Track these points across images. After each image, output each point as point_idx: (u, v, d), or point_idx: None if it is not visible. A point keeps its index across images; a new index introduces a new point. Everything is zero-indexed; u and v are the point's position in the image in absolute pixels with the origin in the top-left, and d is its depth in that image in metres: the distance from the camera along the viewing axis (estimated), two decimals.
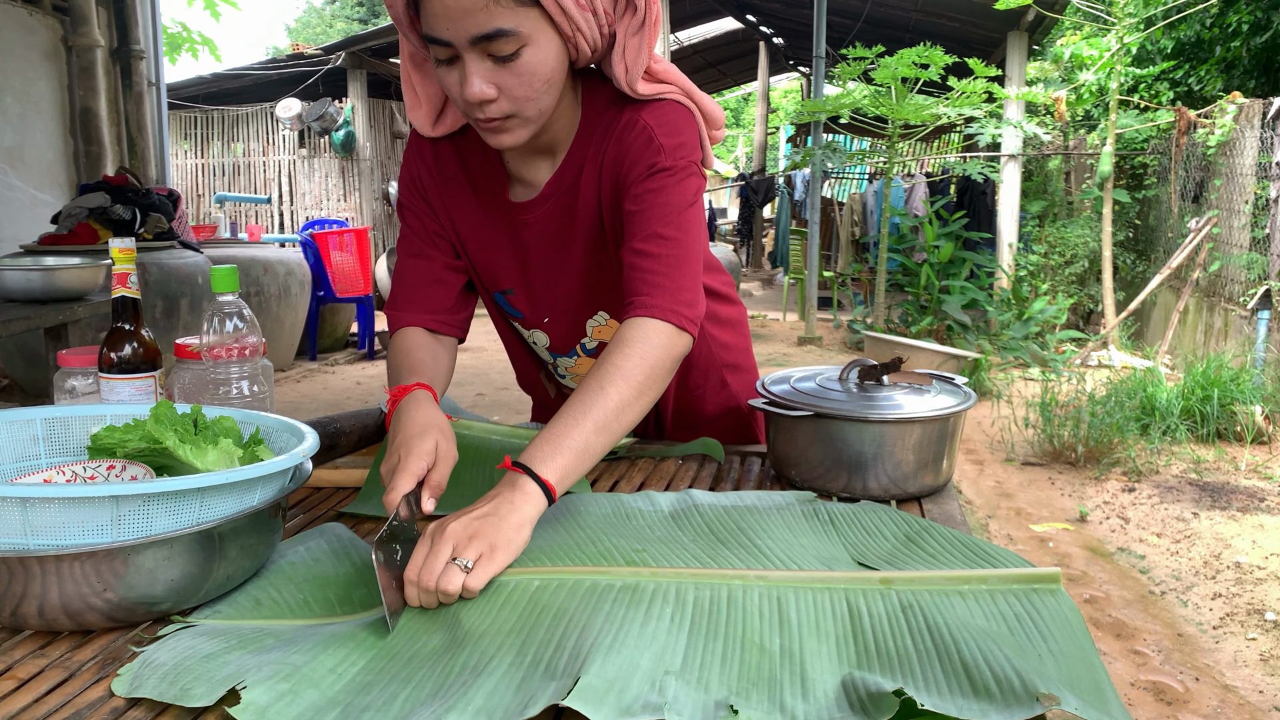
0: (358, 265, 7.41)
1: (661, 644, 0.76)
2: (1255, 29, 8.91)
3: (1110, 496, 4.22)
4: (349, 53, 10.78)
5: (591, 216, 1.25)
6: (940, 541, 0.99)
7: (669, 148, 1.17)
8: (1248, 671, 2.68)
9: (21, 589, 0.80)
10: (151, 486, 0.81)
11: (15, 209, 5.85)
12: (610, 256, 1.27)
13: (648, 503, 1.12)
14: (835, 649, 0.77)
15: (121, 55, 6.53)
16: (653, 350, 1.08)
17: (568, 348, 1.40)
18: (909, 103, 7.06)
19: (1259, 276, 6.11)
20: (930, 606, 0.82)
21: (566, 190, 1.24)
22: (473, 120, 1.10)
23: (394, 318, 1.30)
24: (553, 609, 0.84)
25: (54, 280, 3.30)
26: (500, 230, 1.30)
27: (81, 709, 0.72)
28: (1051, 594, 0.84)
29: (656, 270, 1.13)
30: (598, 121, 1.21)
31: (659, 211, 1.16)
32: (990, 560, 0.93)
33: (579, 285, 1.31)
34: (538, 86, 1.07)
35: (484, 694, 0.71)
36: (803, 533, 1.03)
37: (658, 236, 1.14)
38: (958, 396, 1.26)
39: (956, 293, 7.42)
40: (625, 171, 1.19)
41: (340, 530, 1.06)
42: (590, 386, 1.04)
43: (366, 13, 28.94)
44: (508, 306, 1.38)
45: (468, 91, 1.04)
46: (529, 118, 1.10)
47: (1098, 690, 0.70)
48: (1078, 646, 0.76)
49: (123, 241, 1.16)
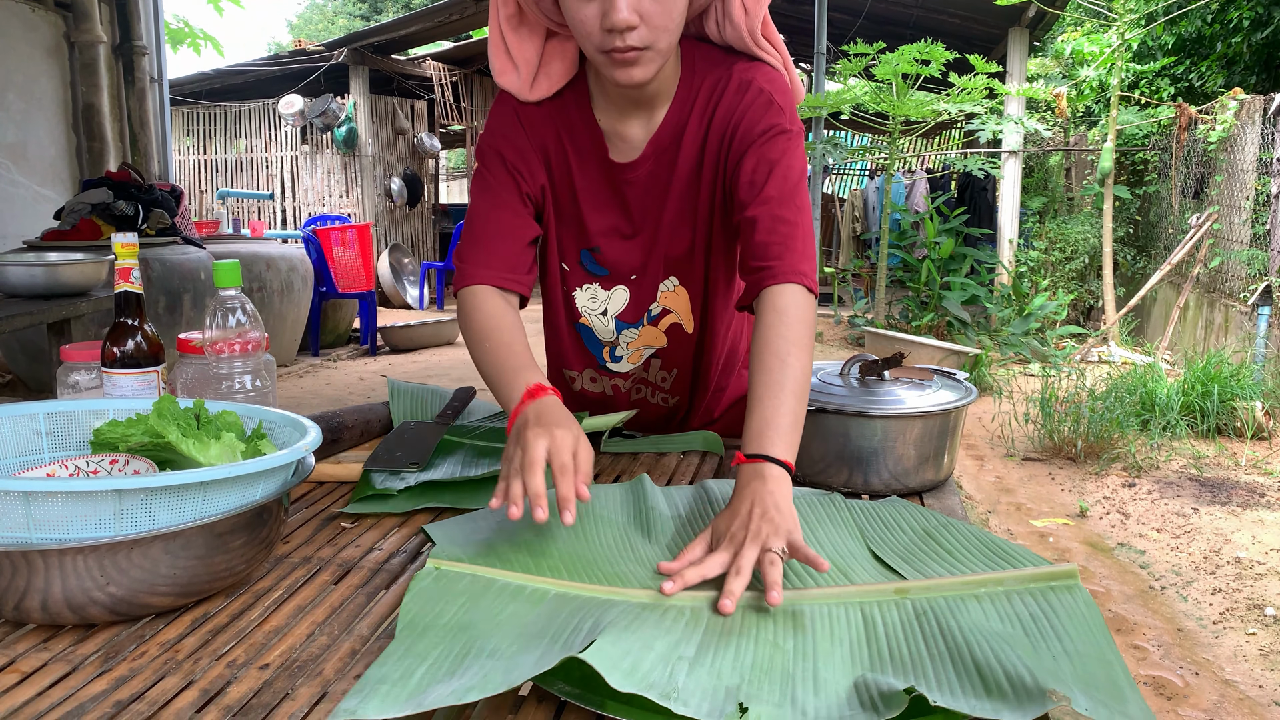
0: (360, 261, 7.41)
1: (677, 636, 0.77)
2: (1256, 25, 8.89)
3: (1110, 492, 4.22)
4: (351, 49, 10.76)
5: (689, 174, 1.28)
6: (957, 538, 0.99)
7: (789, 111, 1.21)
8: (1247, 666, 2.69)
9: (25, 583, 0.80)
10: (154, 481, 0.81)
11: (18, 205, 5.85)
12: (700, 213, 1.30)
13: (668, 505, 1.11)
14: (849, 653, 0.77)
15: (124, 51, 6.53)
16: (806, 314, 1.12)
17: (637, 316, 1.40)
18: (910, 99, 7.06)
19: (1259, 272, 6.11)
20: (944, 611, 0.82)
21: (668, 148, 1.27)
22: (604, 54, 1.11)
23: (469, 272, 1.24)
24: (570, 607, 0.84)
25: (57, 276, 3.30)
26: (600, 187, 1.31)
27: (84, 702, 0.72)
28: (1068, 590, 0.84)
29: (795, 236, 1.16)
30: (699, 80, 1.24)
31: (786, 174, 1.18)
32: (1007, 559, 0.93)
33: (666, 242, 1.33)
34: (675, 17, 1.11)
35: (503, 658, 0.73)
36: (820, 527, 1.03)
37: (791, 202, 1.18)
38: (958, 392, 1.26)
39: (957, 289, 7.41)
40: (744, 131, 1.21)
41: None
42: (771, 362, 1.06)
43: (368, 9, 28.88)
44: (592, 265, 1.38)
45: (616, 17, 1.05)
46: (661, 50, 1.12)
47: (1114, 687, 0.69)
48: (1095, 644, 0.75)
49: (125, 237, 1.16)
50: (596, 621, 0.78)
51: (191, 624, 0.86)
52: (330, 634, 0.84)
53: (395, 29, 10.58)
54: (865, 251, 10.72)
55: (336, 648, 0.82)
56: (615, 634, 0.74)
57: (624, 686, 0.67)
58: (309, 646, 0.82)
